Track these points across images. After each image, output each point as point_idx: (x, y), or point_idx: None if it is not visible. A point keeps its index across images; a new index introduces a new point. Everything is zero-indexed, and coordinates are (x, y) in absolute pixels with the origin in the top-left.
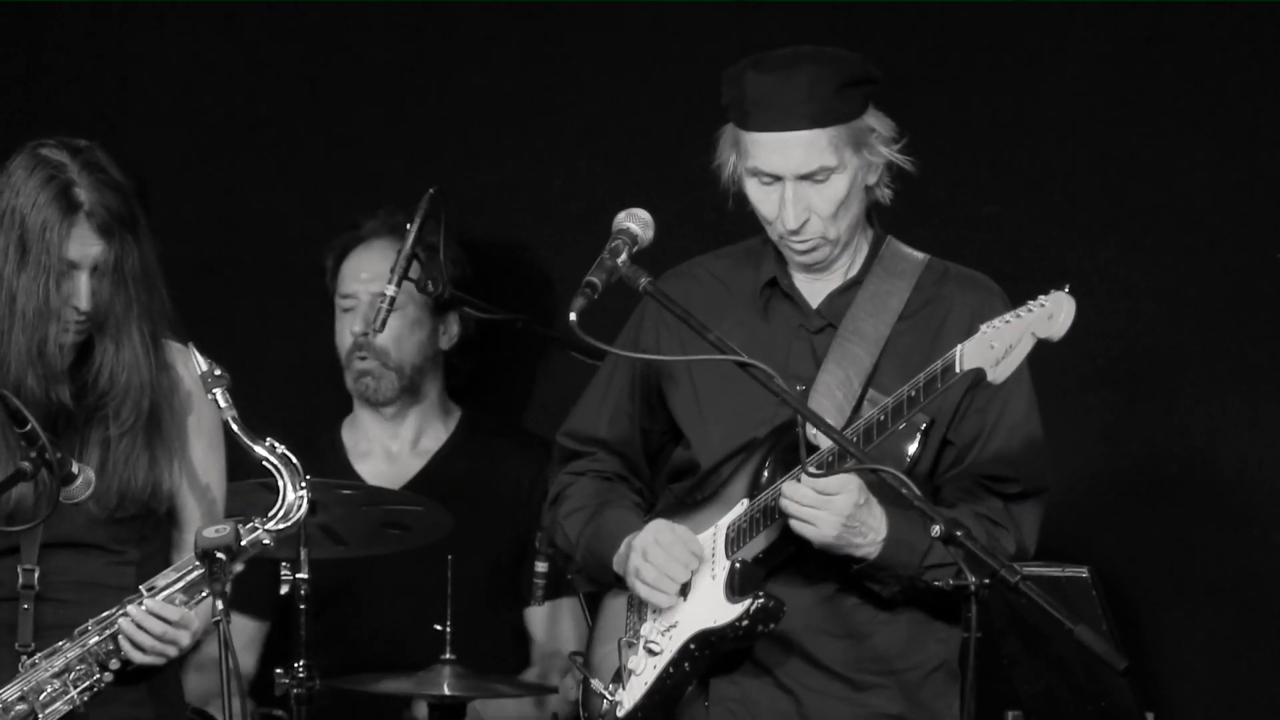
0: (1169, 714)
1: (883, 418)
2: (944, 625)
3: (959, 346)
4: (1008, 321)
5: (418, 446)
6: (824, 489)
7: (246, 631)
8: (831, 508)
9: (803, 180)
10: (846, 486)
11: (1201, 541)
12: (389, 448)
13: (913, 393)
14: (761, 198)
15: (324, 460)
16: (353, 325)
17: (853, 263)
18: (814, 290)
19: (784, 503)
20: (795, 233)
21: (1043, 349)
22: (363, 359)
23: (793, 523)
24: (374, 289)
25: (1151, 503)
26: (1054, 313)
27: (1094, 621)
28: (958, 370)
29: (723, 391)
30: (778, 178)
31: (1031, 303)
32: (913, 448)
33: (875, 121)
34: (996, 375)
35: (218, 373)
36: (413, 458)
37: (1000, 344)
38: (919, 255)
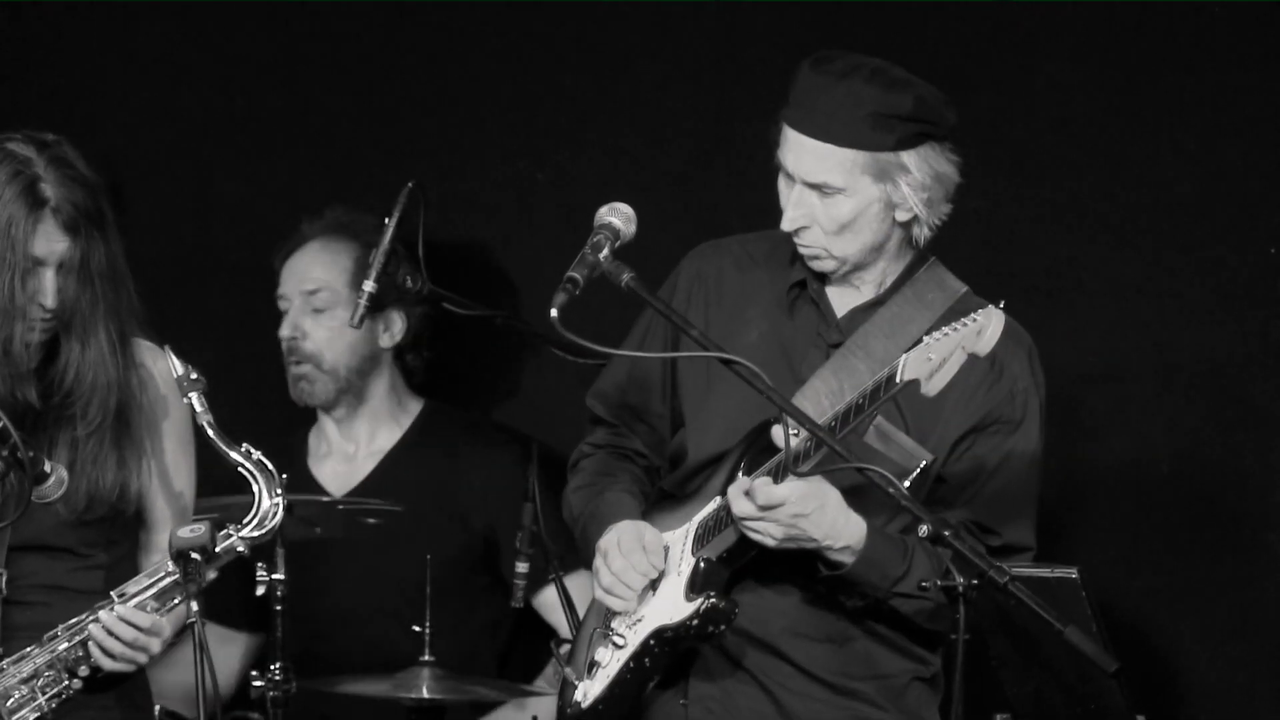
0: (1160, 716)
1: (834, 423)
2: (919, 646)
3: (903, 356)
4: (945, 334)
5: (371, 447)
6: (766, 501)
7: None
8: (772, 517)
9: (810, 189)
10: (788, 497)
11: (1192, 542)
12: (345, 450)
13: (860, 400)
14: (780, 190)
15: (286, 462)
16: (282, 328)
17: (884, 281)
18: (841, 301)
19: (733, 509)
20: (795, 235)
21: (1037, 344)
22: (296, 363)
23: (741, 526)
24: (305, 288)
25: (1142, 503)
26: (983, 328)
27: (1083, 623)
28: (899, 380)
29: (735, 386)
30: (791, 176)
31: (966, 317)
32: (907, 484)
33: (913, 162)
34: (930, 388)
35: (193, 376)
36: (366, 459)
37: (936, 356)
38: (958, 286)
